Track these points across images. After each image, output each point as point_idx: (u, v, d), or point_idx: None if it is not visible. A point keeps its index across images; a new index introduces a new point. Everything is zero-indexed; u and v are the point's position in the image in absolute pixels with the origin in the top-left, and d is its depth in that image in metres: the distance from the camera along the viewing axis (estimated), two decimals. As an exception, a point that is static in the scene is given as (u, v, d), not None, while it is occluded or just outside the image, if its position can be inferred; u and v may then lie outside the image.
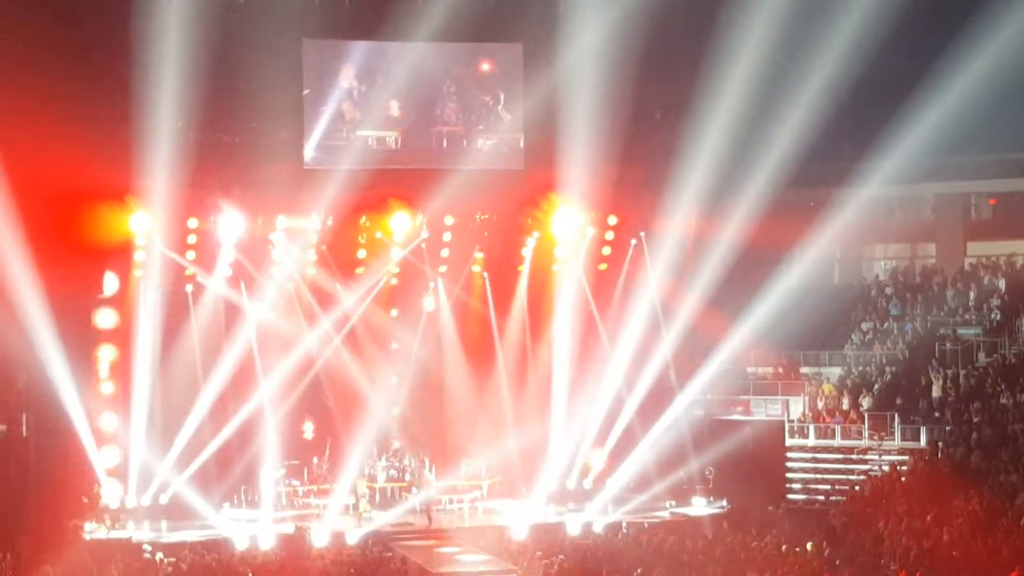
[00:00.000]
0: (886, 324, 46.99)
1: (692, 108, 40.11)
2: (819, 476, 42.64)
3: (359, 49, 40.91)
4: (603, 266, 44.49)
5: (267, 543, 36.02)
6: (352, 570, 31.36)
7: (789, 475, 43.04)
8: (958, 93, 40.95)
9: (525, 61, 41.17)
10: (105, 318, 39.92)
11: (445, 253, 43.68)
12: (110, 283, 40.05)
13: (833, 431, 43.12)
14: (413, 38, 39.76)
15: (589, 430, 43.21)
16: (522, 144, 41.84)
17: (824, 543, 33.34)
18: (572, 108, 40.21)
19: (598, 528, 38.45)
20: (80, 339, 38.76)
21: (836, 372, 45.71)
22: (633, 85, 40.83)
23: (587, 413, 43.11)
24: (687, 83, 39.81)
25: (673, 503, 41.12)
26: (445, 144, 41.56)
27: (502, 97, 41.57)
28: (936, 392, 42.99)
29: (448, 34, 39.84)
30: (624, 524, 38.64)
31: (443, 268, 44.00)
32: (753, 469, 42.03)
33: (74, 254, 37.35)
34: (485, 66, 41.79)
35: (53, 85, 35.78)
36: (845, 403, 43.91)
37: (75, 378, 37.99)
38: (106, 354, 39.83)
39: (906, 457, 40.67)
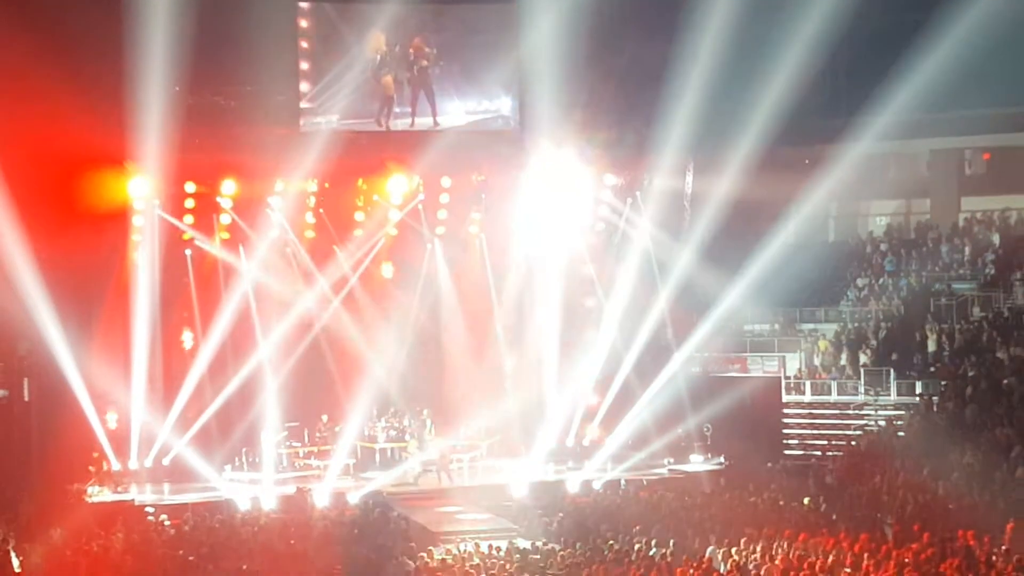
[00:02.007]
0: (881, 280, 47.21)
1: (687, 64, 40.10)
2: (816, 432, 42.91)
3: (353, 11, 40.81)
4: (600, 225, 44.59)
5: (269, 504, 36.25)
6: (354, 530, 31.56)
7: (786, 431, 43.30)
8: (952, 48, 40.93)
9: (519, 20, 41.11)
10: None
11: (442, 215, 43.78)
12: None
13: (829, 387, 43.40)
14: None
15: (586, 388, 43.40)
16: (517, 104, 41.85)
17: (821, 498, 33.61)
18: (566, 67, 40.17)
19: (597, 486, 38.68)
20: (80, 304, 38.85)
21: (832, 328, 45.91)
22: (627, 42, 40.92)
23: (584, 371, 43.29)
24: (681, 39, 39.77)
25: (671, 460, 41.33)
26: (440, 105, 41.59)
27: (497, 57, 41.49)
28: (931, 347, 43.24)
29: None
30: (623, 481, 38.89)
31: (440, 230, 44.10)
32: (750, 426, 42.22)
33: (72, 220, 37.41)
34: (479, 25, 41.72)
35: (46, 51, 35.66)
36: (842, 359, 44.16)
37: (75, 343, 38.13)
38: (107, 318, 39.95)
39: (902, 412, 40.92)
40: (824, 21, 40.39)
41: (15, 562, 29.62)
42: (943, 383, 41.01)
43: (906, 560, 25.26)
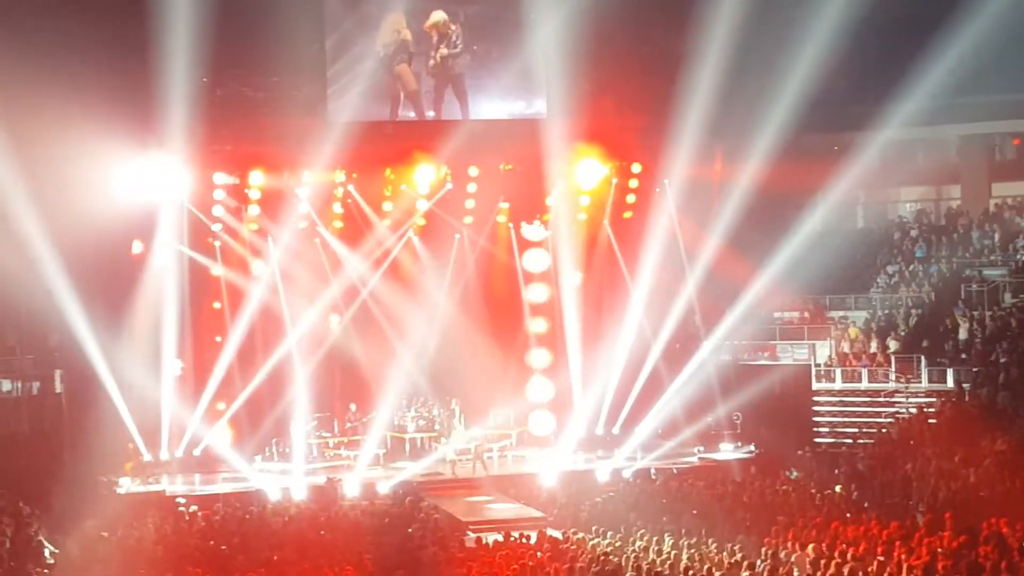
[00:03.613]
0: (912, 267, 46.99)
1: (713, 51, 39.94)
2: (846, 419, 42.77)
3: (379, 1, 40.70)
4: (628, 214, 44.48)
5: (299, 494, 36.33)
6: (385, 520, 31.59)
7: (816, 419, 43.19)
8: (980, 32, 40.74)
9: (547, 8, 40.92)
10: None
11: (470, 204, 43.73)
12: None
13: (860, 374, 43.24)
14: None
15: (613, 377, 43.34)
16: (545, 93, 41.73)
17: (852, 486, 33.55)
18: (595, 56, 40.11)
19: (627, 475, 38.65)
20: (110, 296, 39.01)
21: (862, 315, 45.75)
22: (655, 30, 40.82)
23: (612, 360, 43.24)
24: (707, 25, 39.61)
25: (701, 448, 41.31)
26: (468, 94, 41.46)
27: (525, 45, 41.32)
28: (962, 334, 43.01)
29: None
30: (653, 470, 38.85)
31: (468, 219, 44.07)
32: (780, 413, 42.15)
33: (101, 212, 37.53)
34: (506, 13, 41.54)
35: (76, 45, 35.84)
36: (872, 346, 44.01)
37: (106, 335, 38.29)
38: (138, 310, 40.09)
39: (933, 399, 40.75)
40: (850, 6, 40.21)
41: (47, 553, 29.78)
42: (975, 370, 40.85)
43: (938, 548, 25.16)
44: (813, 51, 40.73)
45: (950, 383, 41.33)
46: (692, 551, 26.25)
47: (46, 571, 28.59)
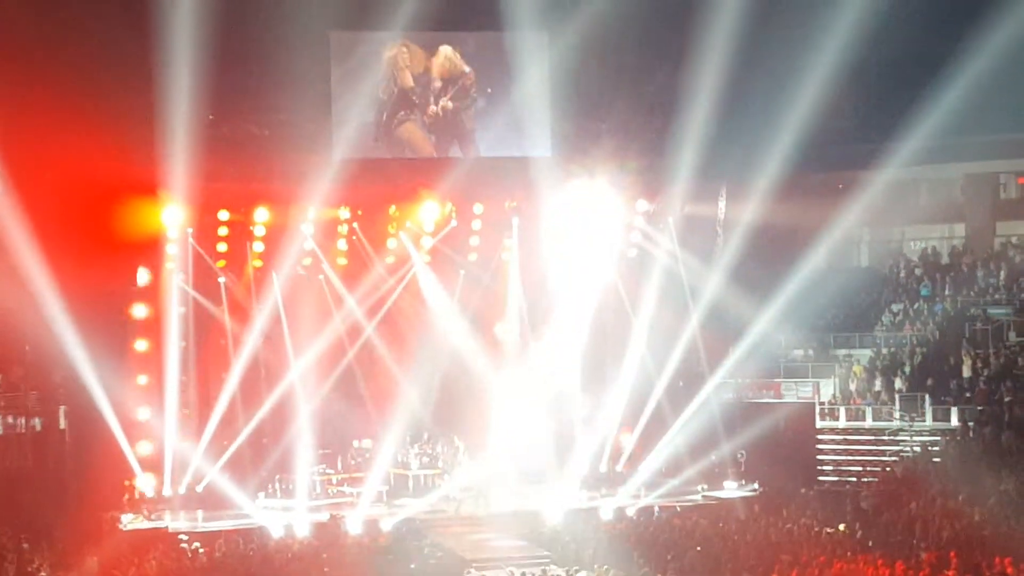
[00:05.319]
0: (916, 305, 46.97)
1: (718, 91, 40.07)
2: (850, 458, 42.71)
3: (385, 40, 40.87)
4: (632, 251, 44.52)
5: (302, 531, 36.25)
6: (388, 557, 31.57)
7: (820, 457, 43.13)
8: (984, 70, 40.85)
9: (551, 48, 41.12)
10: (139, 311, 40.28)
11: (475, 241, 43.77)
12: (142, 276, 40.40)
13: (864, 413, 43.17)
14: (438, 28, 39.93)
15: (617, 414, 43.26)
16: (550, 132, 41.82)
17: (856, 525, 33.44)
18: (599, 95, 40.24)
19: (631, 512, 38.56)
20: (114, 333, 39.06)
21: (867, 354, 45.71)
22: (658, 69, 40.96)
23: (615, 397, 43.19)
24: (711, 66, 39.74)
25: (705, 487, 41.19)
26: (473, 132, 41.57)
27: (529, 84, 41.45)
28: (967, 372, 42.99)
29: (473, 24, 40.00)
30: (656, 508, 38.76)
31: (473, 256, 44.09)
32: (784, 452, 42.09)
33: (106, 248, 37.58)
34: (511, 54, 41.67)
35: (81, 81, 35.96)
36: (876, 384, 43.94)
37: (110, 372, 38.29)
38: (140, 347, 40.13)
39: (937, 438, 40.71)
40: (855, 46, 40.33)
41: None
42: (979, 409, 40.77)
43: (942, 587, 25.12)
44: (817, 89, 40.84)
45: (954, 422, 41.27)
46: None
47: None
